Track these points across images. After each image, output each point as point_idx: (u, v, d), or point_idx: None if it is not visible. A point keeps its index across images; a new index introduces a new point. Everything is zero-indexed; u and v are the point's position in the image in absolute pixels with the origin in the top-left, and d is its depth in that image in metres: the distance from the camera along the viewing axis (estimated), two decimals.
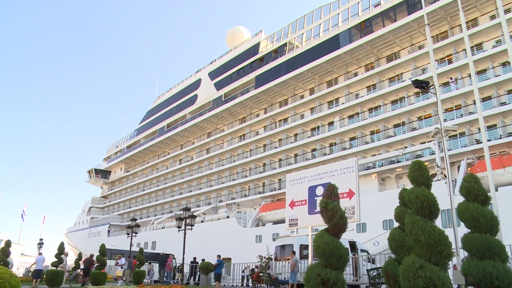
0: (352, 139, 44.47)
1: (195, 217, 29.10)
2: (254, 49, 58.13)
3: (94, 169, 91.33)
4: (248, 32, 67.52)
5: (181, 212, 29.27)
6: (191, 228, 28.04)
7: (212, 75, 65.57)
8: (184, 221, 28.04)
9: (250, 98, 55.86)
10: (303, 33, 52.30)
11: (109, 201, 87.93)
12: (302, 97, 51.92)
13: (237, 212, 51.50)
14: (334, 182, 12.88)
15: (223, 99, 60.33)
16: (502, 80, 33.98)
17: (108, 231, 74.62)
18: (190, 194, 62.91)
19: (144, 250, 35.93)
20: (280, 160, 51.27)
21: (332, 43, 46.38)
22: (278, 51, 53.94)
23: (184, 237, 27.66)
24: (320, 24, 50.06)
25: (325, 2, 50.38)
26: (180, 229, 28.68)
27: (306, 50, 49.29)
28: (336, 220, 10.56)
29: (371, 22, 43.69)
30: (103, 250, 27.52)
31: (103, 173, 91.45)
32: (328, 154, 44.89)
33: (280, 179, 49.49)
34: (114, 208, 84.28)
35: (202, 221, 53.54)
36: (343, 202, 13.41)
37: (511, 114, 33.42)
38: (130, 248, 34.33)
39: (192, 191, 62.96)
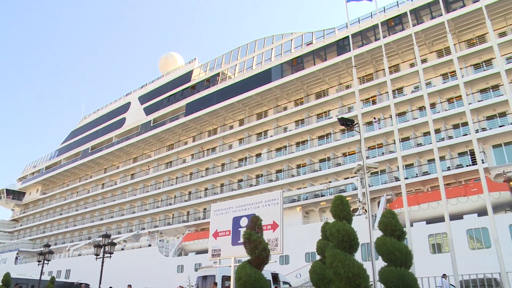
0: (278, 171, 45.18)
1: (115, 244, 27.80)
2: (187, 76, 58.02)
3: (6, 189, 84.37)
4: (182, 59, 67.33)
5: (100, 238, 27.89)
6: (110, 256, 26.71)
7: (142, 99, 64.37)
8: (102, 249, 26.65)
9: (179, 125, 55.31)
10: (236, 65, 53.10)
11: (20, 225, 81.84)
12: (231, 127, 52.31)
13: (160, 241, 49.98)
14: (259, 213, 12.89)
15: (152, 125, 59.21)
16: (419, 123, 36.48)
17: (16, 258, 68.88)
18: (111, 220, 60.35)
19: (57, 279, 33.62)
20: (206, 189, 50.84)
21: (264, 77, 47.46)
22: (211, 80, 54.21)
23: (102, 266, 26.23)
24: (253, 57, 51.16)
25: (259, 37, 51.69)
26: (98, 257, 27.19)
27: (238, 82, 49.98)
28: (259, 252, 10.51)
29: (303, 59, 45.32)
30: (7, 280, 25.19)
31: (15, 194, 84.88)
32: (254, 186, 45.19)
33: (205, 209, 48.91)
34: (26, 232, 78.52)
35: (122, 249, 51.35)
36: (267, 234, 13.40)
37: (427, 154, 35.57)
38: (40, 277, 31.79)
39: (113, 217, 60.42)
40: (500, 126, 33.37)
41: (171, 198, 54.13)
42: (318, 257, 13.07)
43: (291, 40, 48.14)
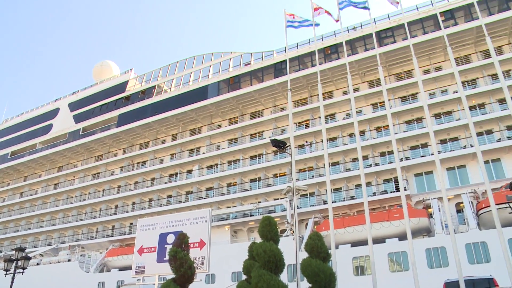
0: (209, 189, 44.89)
1: (29, 258, 25.85)
2: (122, 86, 56.56)
3: None
4: (118, 68, 65.52)
5: (13, 252, 25.91)
6: (23, 272, 24.78)
7: (73, 106, 61.75)
8: (14, 263, 24.64)
9: (110, 136, 53.54)
10: (173, 79, 52.58)
11: None
12: (164, 142, 51.44)
13: (81, 255, 47.52)
14: (187, 231, 12.68)
15: (81, 133, 56.81)
16: (348, 149, 37.86)
17: None
18: (28, 232, 56.48)
19: None
20: (133, 203, 49.31)
21: (200, 93, 47.32)
22: (146, 93, 53.22)
23: (12, 282, 24.28)
24: (191, 73, 50.95)
25: (198, 53, 51.67)
26: (8, 272, 25.04)
27: (174, 96, 49.43)
28: (184, 270, 10.30)
29: (240, 79, 45.79)
30: None
31: None
32: (184, 202, 44.54)
33: (131, 223, 47.38)
34: None
35: (38, 264, 48.30)
36: (194, 252, 13.19)
37: (355, 179, 36.87)
38: None
39: (31, 229, 56.72)
40: (422, 156, 35.57)
41: (96, 211, 51.87)
42: (244, 277, 13.00)
43: (230, 59, 48.53)
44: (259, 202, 39.62)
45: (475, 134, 22.46)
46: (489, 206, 21.52)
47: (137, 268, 15.20)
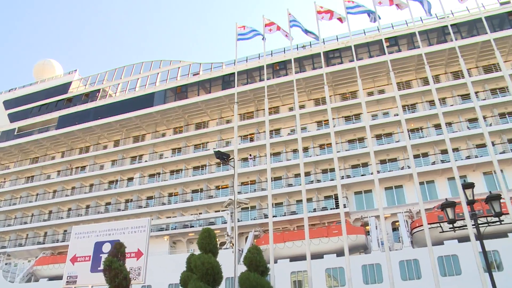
0: (149, 198, 43.89)
1: None
2: (64, 87, 54.46)
3: None
4: (61, 68, 62.87)
5: None
6: None
7: (9, 104, 58.57)
8: None
9: (48, 138, 51.24)
10: (119, 84, 51.40)
11: None
12: (105, 147, 49.94)
13: (5, 264, 44.65)
14: (124, 240, 12.32)
15: (16, 133, 53.96)
16: (291, 165, 38.37)
17: None
18: None
19: None
20: (69, 209, 47.28)
21: (146, 100, 46.50)
22: (90, 96, 51.58)
23: None
24: (138, 79, 50.00)
25: (147, 59, 50.87)
26: None
27: (119, 101, 48.26)
28: (119, 281, 9.96)
29: (187, 88, 45.46)
30: None
31: None
32: (123, 210, 43.32)
33: (65, 230, 45.31)
34: None
35: None
36: (130, 262, 12.80)
37: (296, 195, 37.35)
38: None
39: None
40: (362, 175, 36.72)
41: (27, 216, 49.26)
42: None
43: (179, 68, 48.13)
44: (200, 213, 39.28)
45: (412, 156, 23.42)
46: (422, 225, 22.44)
47: (68, 278, 14.56)
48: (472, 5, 36.24)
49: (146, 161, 45.80)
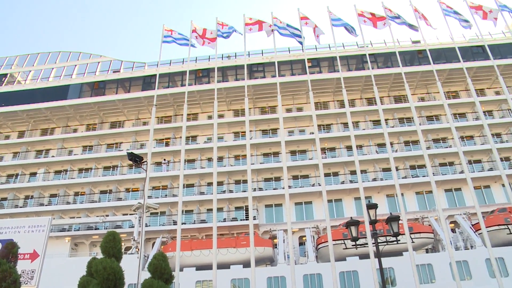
0: (53, 195, 41.27)
1: None
2: None
3: None
4: None
5: None
6: None
7: None
8: None
9: None
10: (30, 71, 48.16)
11: None
12: (7, 137, 46.08)
13: None
14: (18, 239, 11.49)
15: None
16: (205, 173, 38.35)
17: None
18: None
19: None
20: None
21: (60, 92, 43.94)
22: None
23: None
24: (53, 69, 47.16)
25: (66, 49, 48.28)
26: None
27: (29, 90, 45.07)
28: (6, 285, 9.21)
29: (106, 85, 43.74)
30: None
31: None
32: (21, 207, 40.24)
33: None
34: None
35: None
36: (23, 264, 11.97)
37: (207, 203, 37.28)
38: None
39: None
40: (274, 189, 37.45)
41: None
42: None
43: (99, 62, 46.25)
44: (107, 215, 37.63)
45: (323, 174, 24.34)
46: (327, 241, 23.35)
47: None
48: (389, 39, 38.72)
49: (53, 156, 43.08)
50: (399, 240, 16.75)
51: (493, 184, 36.96)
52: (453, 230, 33.96)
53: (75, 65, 46.90)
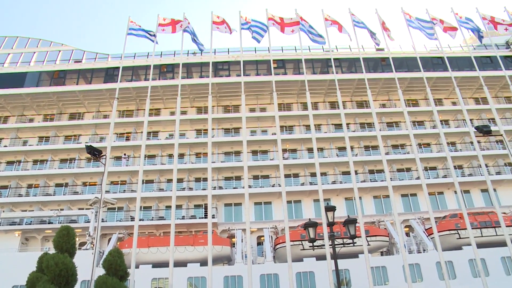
0: (3, 187, 39.48)
1: None
2: None
3: None
4: None
5: None
6: None
7: None
8: None
9: None
10: None
11: None
12: None
13: None
14: None
15: None
16: (165, 169, 37.87)
17: None
18: None
19: None
20: None
21: (16, 79, 42.18)
22: None
23: None
24: (9, 54, 45.24)
25: (24, 34, 46.43)
26: None
27: None
28: None
29: (66, 75, 42.46)
30: None
31: None
32: None
33: None
34: None
35: None
36: None
37: (166, 200, 36.94)
38: None
39: None
40: (234, 188, 37.47)
41: None
42: None
43: (59, 51, 44.81)
44: (62, 209, 36.42)
45: (284, 175, 24.50)
46: (285, 242, 23.53)
47: None
48: (353, 45, 39.37)
49: (5, 146, 41.30)
50: (356, 243, 17.06)
51: (446, 190, 38.35)
52: (407, 234, 35.00)
53: (34, 52, 45.21)
